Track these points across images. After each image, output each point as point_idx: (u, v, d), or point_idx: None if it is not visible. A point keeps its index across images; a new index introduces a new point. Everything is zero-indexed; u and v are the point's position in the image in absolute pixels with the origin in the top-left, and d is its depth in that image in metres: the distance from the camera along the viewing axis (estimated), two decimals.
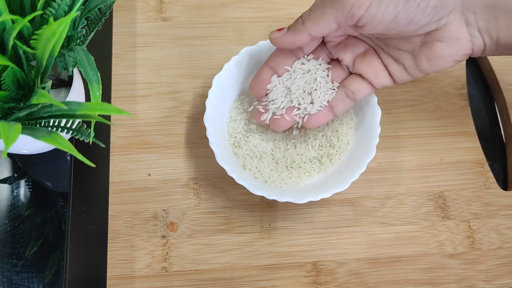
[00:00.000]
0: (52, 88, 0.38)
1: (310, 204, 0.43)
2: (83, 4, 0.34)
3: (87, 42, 0.37)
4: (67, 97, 0.37)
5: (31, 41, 0.29)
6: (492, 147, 0.48)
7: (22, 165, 0.44)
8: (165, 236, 0.41)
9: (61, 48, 0.33)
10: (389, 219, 0.43)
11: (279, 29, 0.36)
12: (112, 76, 0.46)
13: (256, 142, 0.42)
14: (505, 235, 0.43)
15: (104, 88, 0.45)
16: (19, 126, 0.29)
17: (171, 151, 0.44)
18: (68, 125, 0.33)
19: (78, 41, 0.36)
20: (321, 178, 0.41)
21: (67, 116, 0.31)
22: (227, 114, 0.43)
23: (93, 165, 0.30)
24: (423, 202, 0.44)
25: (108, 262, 0.40)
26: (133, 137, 0.44)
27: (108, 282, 0.40)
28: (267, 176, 0.41)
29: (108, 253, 0.41)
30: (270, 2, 0.50)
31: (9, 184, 0.43)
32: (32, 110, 0.30)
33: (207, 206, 0.43)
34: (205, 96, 0.42)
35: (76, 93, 0.38)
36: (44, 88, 0.31)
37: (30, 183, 0.44)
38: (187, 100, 0.46)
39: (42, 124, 0.32)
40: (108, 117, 0.44)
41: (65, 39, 0.34)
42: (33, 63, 0.32)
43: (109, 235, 0.41)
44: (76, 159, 0.43)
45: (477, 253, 0.43)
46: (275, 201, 0.43)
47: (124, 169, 0.43)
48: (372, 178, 0.44)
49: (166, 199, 0.43)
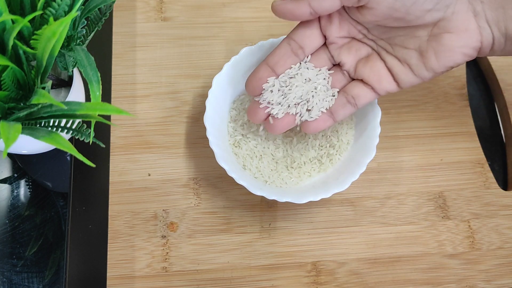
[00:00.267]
0: (52, 88, 0.38)
1: (310, 204, 0.43)
2: (83, 4, 0.34)
3: (87, 42, 0.37)
4: (67, 97, 0.37)
5: (31, 41, 0.29)
6: (492, 147, 0.48)
7: (22, 165, 0.44)
8: (165, 236, 0.41)
9: (61, 48, 0.33)
10: (389, 219, 0.43)
11: None
12: (112, 76, 0.46)
13: (256, 142, 0.42)
14: (505, 235, 0.43)
15: (104, 88, 0.45)
16: (19, 126, 0.29)
17: (171, 151, 0.44)
18: (68, 125, 0.33)
19: (78, 41, 0.36)
20: (321, 178, 0.41)
21: (67, 116, 0.31)
22: (227, 114, 0.43)
23: (93, 165, 0.30)
24: (423, 202, 0.44)
25: (108, 262, 0.40)
26: (133, 137, 0.44)
27: (108, 282, 0.40)
28: (267, 176, 0.41)
29: (108, 253, 0.41)
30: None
31: (9, 184, 0.43)
32: (32, 110, 0.30)
33: (207, 206, 0.43)
34: (205, 96, 0.42)
35: (76, 93, 0.38)
36: (44, 88, 0.31)
37: (30, 183, 0.44)
38: (187, 100, 0.46)
39: (42, 124, 0.32)
40: (108, 117, 0.44)
41: (65, 39, 0.34)
42: (33, 63, 0.32)
43: (109, 235, 0.41)
44: (76, 159, 0.43)
45: (477, 253, 0.43)
46: (275, 201, 0.43)
47: (124, 169, 0.43)
48: (372, 178, 0.44)
49: (166, 199, 0.43)
